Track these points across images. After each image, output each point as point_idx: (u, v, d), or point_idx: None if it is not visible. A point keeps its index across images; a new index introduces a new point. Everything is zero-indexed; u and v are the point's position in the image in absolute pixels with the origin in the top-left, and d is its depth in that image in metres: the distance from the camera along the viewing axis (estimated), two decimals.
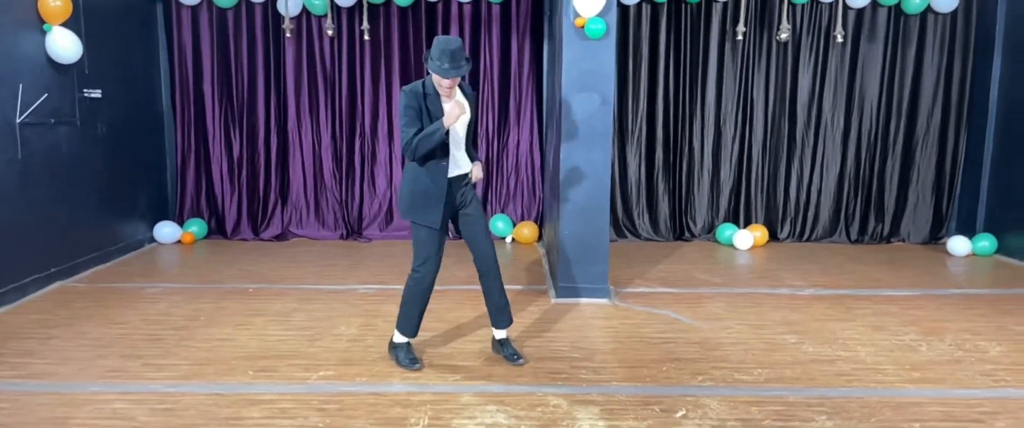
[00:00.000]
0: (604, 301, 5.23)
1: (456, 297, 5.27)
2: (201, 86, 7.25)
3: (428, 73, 3.68)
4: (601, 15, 4.90)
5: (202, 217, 7.42)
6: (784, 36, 7.00)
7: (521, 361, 3.96)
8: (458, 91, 3.77)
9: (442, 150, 3.67)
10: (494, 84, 7.31)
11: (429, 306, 4.98)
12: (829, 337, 4.48)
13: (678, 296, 5.44)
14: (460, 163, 3.82)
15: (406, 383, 3.71)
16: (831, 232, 7.57)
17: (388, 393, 3.57)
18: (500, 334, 4.07)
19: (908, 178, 7.49)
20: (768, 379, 3.82)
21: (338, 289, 5.50)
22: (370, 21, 7.02)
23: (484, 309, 4.91)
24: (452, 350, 4.20)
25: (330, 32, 6.98)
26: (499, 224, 7.38)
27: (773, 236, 7.53)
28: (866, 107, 7.36)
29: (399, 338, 3.98)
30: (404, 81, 7.25)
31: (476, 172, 3.89)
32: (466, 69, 3.58)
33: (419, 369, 3.88)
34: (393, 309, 4.96)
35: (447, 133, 3.62)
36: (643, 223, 7.57)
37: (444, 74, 3.53)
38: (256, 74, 7.23)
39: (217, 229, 7.44)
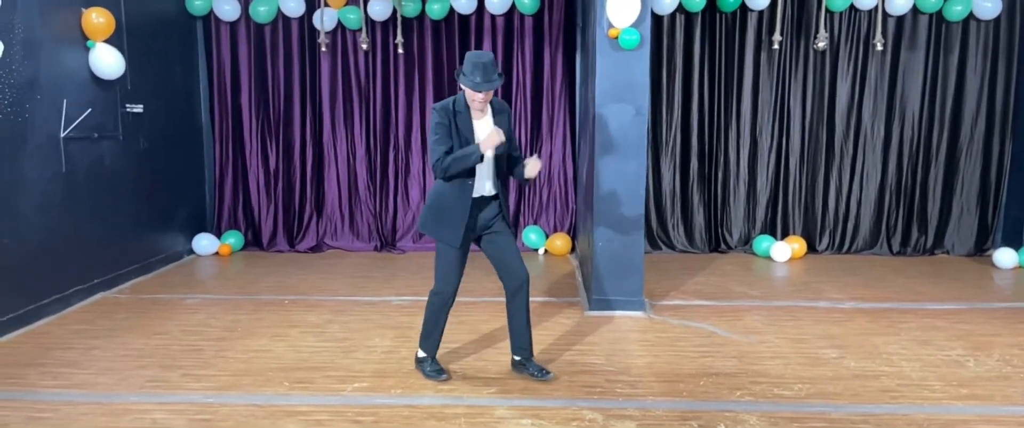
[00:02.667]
0: (639, 314, 5.17)
1: (489, 309, 5.25)
2: (239, 100, 7.38)
3: (460, 89, 3.68)
4: (635, 26, 4.86)
5: (239, 229, 7.52)
6: (821, 44, 6.88)
7: (550, 376, 3.90)
8: (490, 107, 3.72)
9: (469, 170, 3.63)
10: (527, 96, 7.31)
11: (462, 317, 5.02)
12: (872, 352, 4.37)
13: (715, 309, 5.35)
14: (488, 185, 3.74)
15: (440, 395, 3.70)
16: (872, 244, 7.40)
17: (422, 405, 3.56)
18: (519, 357, 3.99)
19: (952, 188, 7.30)
20: (809, 395, 3.72)
21: (372, 301, 5.53)
22: (404, 35, 7.07)
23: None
24: (485, 363, 4.18)
25: (365, 46, 7.05)
26: (532, 236, 7.37)
27: (812, 248, 7.38)
28: (907, 116, 7.20)
29: (421, 353, 3.99)
30: (437, 94, 7.29)
31: (532, 166, 3.71)
32: (498, 83, 3.55)
33: (446, 379, 3.87)
34: None
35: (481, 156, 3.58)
36: (678, 234, 7.49)
37: (475, 87, 3.51)
38: (292, 88, 7.33)
39: (253, 241, 7.53)
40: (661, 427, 3.34)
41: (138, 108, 6.25)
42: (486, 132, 3.61)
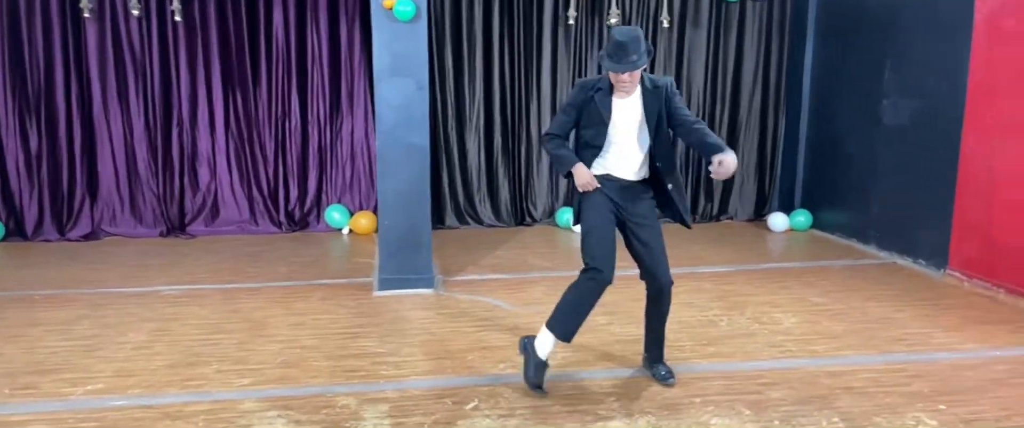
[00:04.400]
0: (428, 291, 5.11)
1: (270, 295, 5.00)
2: None
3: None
4: None
5: None
6: (614, 21, 7.09)
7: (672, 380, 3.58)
8: (639, 88, 3.33)
9: (590, 153, 3.37)
10: (324, 70, 7.00)
11: (236, 305, 4.75)
12: (638, 317, 4.46)
13: (505, 282, 5.40)
14: (619, 168, 3.38)
15: (186, 392, 3.43)
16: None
17: (160, 405, 3.29)
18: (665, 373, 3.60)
19: None
20: (568, 363, 3.82)
21: (140, 292, 5.08)
22: (181, 2, 6.51)
23: (296, 308, 4.72)
24: (247, 353, 3.94)
25: (136, 12, 6.42)
26: (335, 215, 7.12)
27: None
28: (693, 91, 7.61)
29: (542, 341, 3.43)
30: (224, 66, 6.81)
31: (726, 164, 3.09)
32: (638, 64, 3.15)
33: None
34: (197, 311, 4.66)
35: (606, 134, 3.31)
36: (485, 209, 7.52)
37: (610, 69, 3.20)
38: (53, 58, 6.55)
39: (16, 230, 6.72)
40: (416, 407, 3.29)
41: None
42: (625, 115, 3.32)
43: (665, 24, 7.19)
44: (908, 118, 6.02)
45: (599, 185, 3.40)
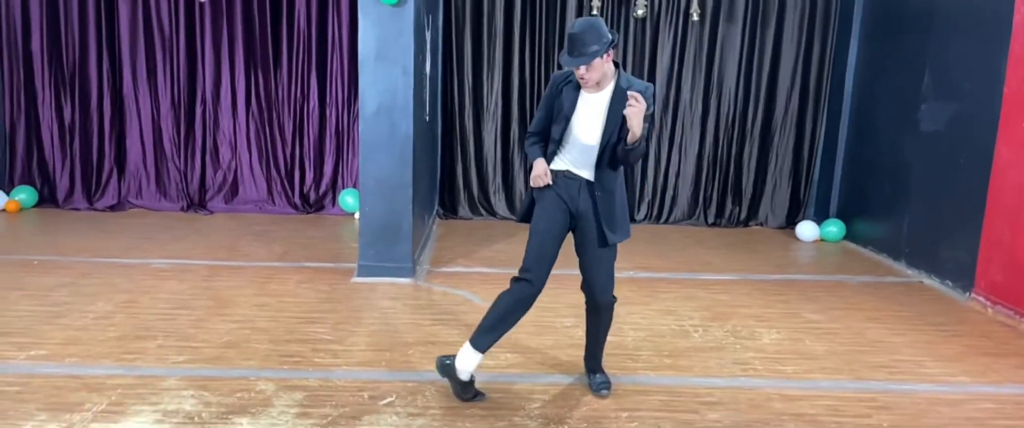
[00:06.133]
0: (406, 281, 5.05)
1: (251, 274, 5.04)
2: (29, 46, 6.86)
3: None
4: None
5: (34, 185, 7.05)
6: (641, 12, 6.83)
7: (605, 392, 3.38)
8: (614, 86, 3.08)
9: (553, 148, 3.20)
10: (343, 55, 7.03)
11: (212, 283, 4.80)
12: None
13: (490, 276, 5.28)
14: (577, 163, 3.17)
15: (117, 365, 3.47)
16: (690, 215, 7.49)
17: (86, 375, 3.33)
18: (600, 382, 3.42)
19: (766, 162, 7.41)
20: (511, 365, 3.67)
21: (131, 263, 5.23)
22: None
23: (268, 289, 4.74)
24: (197, 331, 3.96)
25: None
26: (349, 199, 7.15)
27: (631, 218, 7.40)
28: (725, 88, 7.24)
29: (465, 358, 3.17)
30: (247, 47, 6.95)
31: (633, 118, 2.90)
32: (595, 55, 2.91)
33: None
34: (174, 285, 4.74)
35: (567, 128, 3.13)
36: (499, 201, 7.40)
37: (564, 64, 3.01)
38: (87, 35, 6.85)
39: (49, 197, 7.08)
40: (329, 398, 3.21)
41: None
42: (588, 112, 3.11)
43: (695, 17, 6.86)
44: (945, 126, 5.51)
45: (551, 182, 3.20)
